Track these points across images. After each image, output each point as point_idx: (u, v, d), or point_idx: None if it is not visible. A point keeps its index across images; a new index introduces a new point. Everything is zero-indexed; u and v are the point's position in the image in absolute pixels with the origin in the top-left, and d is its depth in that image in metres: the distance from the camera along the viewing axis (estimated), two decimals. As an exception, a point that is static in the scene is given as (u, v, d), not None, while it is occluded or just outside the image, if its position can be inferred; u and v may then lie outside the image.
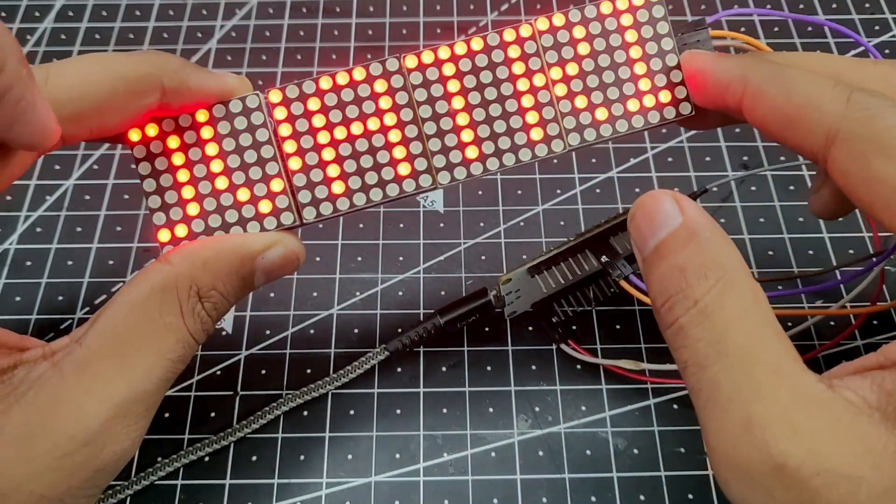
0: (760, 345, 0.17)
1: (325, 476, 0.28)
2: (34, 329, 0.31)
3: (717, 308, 0.18)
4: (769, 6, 0.42)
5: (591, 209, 0.35)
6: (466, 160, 0.24)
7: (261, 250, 0.22)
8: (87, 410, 0.19)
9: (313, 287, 0.32)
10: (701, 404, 0.18)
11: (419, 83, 0.23)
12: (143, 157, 0.23)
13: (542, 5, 0.42)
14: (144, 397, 0.20)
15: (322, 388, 0.29)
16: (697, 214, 0.19)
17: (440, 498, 0.28)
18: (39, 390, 0.19)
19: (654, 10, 0.24)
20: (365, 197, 0.23)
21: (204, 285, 0.21)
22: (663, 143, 0.37)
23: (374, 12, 0.42)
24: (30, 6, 0.42)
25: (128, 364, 0.20)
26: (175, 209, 0.23)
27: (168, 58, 0.22)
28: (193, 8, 0.42)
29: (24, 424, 0.19)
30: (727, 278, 0.18)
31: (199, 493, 0.28)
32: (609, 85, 0.24)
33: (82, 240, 0.34)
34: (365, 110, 0.23)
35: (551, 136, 0.24)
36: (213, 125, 0.23)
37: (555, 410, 0.29)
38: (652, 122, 0.24)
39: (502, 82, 0.24)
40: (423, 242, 0.34)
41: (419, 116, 0.24)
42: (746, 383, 0.17)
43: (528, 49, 0.24)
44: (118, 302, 0.21)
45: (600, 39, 0.24)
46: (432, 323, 0.30)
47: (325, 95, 0.23)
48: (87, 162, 0.36)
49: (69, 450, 0.19)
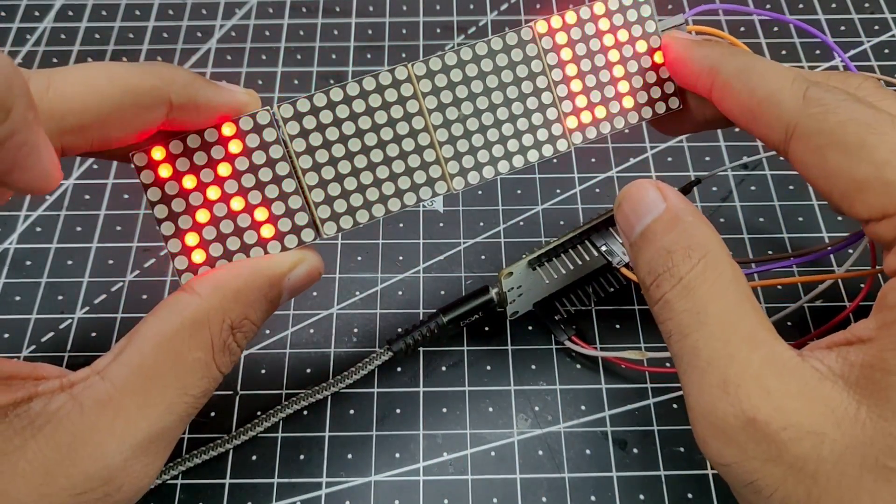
0: (737, 315, 0.19)
1: (324, 475, 0.28)
2: (34, 329, 0.31)
3: (699, 283, 0.19)
4: (750, 2, 0.42)
5: (590, 208, 0.35)
6: (479, 164, 0.24)
7: (288, 271, 0.22)
8: (108, 450, 0.19)
9: (313, 287, 0.32)
10: (683, 369, 0.19)
11: (429, 91, 0.23)
12: (152, 183, 0.22)
13: (541, 5, 0.42)
14: (164, 434, 0.20)
15: (326, 389, 0.29)
16: (679, 201, 0.21)
17: (440, 497, 0.28)
18: (58, 425, 0.18)
19: (642, 9, 0.25)
20: (384, 208, 0.23)
21: (237, 317, 0.21)
22: (663, 143, 0.37)
23: (373, 12, 0.42)
24: (29, 6, 0.42)
25: (151, 402, 0.19)
26: (191, 235, 0.22)
27: (177, 71, 0.21)
28: (193, 7, 0.42)
29: (41, 460, 0.18)
30: (709, 257, 0.20)
31: (199, 492, 0.28)
32: (605, 84, 0.25)
33: (82, 239, 0.34)
34: (377, 121, 0.23)
35: (556, 136, 0.25)
36: (223, 144, 0.22)
37: (554, 410, 0.29)
38: (645, 117, 0.26)
39: (508, 86, 0.24)
40: (422, 242, 0.34)
41: (430, 124, 0.24)
42: (723, 349, 0.18)
43: (529, 52, 0.24)
44: (144, 335, 0.20)
45: (595, 40, 0.25)
46: (435, 322, 0.30)
47: (337, 107, 0.23)
48: (86, 161, 0.36)
49: (86, 489, 0.18)
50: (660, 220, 0.21)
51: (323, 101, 0.23)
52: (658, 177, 0.36)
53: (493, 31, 0.41)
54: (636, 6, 0.25)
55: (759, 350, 0.18)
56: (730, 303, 0.19)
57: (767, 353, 0.18)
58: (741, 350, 0.18)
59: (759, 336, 0.19)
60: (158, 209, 0.22)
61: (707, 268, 0.19)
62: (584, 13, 0.25)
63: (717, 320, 0.19)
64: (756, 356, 0.18)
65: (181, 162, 0.22)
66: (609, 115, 0.25)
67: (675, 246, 0.20)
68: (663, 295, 0.20)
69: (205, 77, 0.22)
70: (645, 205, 0.21)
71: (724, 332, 0.19)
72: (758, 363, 0.18)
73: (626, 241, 0.22)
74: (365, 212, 0.23)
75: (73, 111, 0.19)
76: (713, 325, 0.19)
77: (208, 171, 0.22)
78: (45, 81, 0.19)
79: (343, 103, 0.23)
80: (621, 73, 0.25)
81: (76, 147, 0.20)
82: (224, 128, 0.22)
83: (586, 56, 0.25)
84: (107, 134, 0.20)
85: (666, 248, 0.20)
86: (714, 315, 0.19)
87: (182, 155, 0.22)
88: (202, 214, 0.22)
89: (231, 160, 0.22)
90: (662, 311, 0.20)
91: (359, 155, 0.23)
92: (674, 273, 0.20)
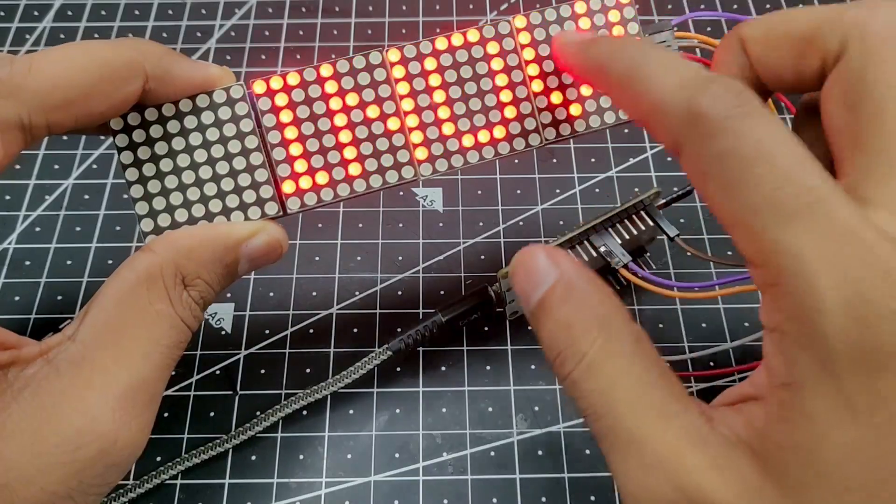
0: (645, 389, 0.18)
1: (324, 475, 0.28)
2: (33, 329, 0.31)
3: (603, 360, 0.18)
4: (736, 7, 0.42)
5: (590, 209, 0.35)
6: (448, 153, 0.24)
7: (244, 238, 0.23)
8: (92, 403, 0.19)
9: (312, 286, 0.32)
10: (605, 450, 0.18)
11: (402, 77, 0.24)
12: (126, 146, 0.23)
13: (540, 4, 0.42)
14: (146, 385, 0.20)
15: (325, 389, 0.29)
16: (571, 266, 0.20)
17: (439, 497, 0.28)
18: (37, 388, 0.19)
19: (626, 11, 0.25)
20: (349, 188, 0.24)
21: (188, 273, 0.22)
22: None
23: (373, 12, 0.42)
24: (28, 5, 0.42)
25: (124, 353, 0.20)
26: (158, 199, 0.23)
27: (151, 45, 0.22)
28: (192, 7, 0.42)
29: (27, 421, 0.18)
30: (610, 329, 0.18)
31: (198, 492, 0.28)
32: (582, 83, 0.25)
33: (81, 239, 0.34)
34: (349, 102, 0.24)
35: (528, 130, 0.25)
36: (196, 115, 0.23)
37: (554, 410, 0.29)
38: (622, 118, 0.25)
39: (482, 77, 0.24)
40: (422, 242, 0.34)
41: (401, 109, 0.24)
42: (637, 429, 0.18)
43: (506, 46, 0.25)
44: (105, 294, 0.21)
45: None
46: (433, 321, 0.30)
47: (310, 87, 0.24)
48: (85, 161, 0.36)
49: (79, 444, 0.19)
50: (554, 290, 0.19)
51: (296, 80, 0.24)
52: (657, 177, 0.36)
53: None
54: (619, 7, 0.25)
55: (672, 423, 0.17)
56: (636, 377, 0.18)
57: (680, 426, 0.17)
58: (655, 427, 0.17)
59: (669, 408, 0.18)
60: (129, 172, 0.23)
61: (609, 341, 0.18)
62: (563, 11, 0.25)
63: (626, 399, 0.18)
64: (670, 432, 0.17)
65: (154, 129, 0.23)
66: (584, 114, 0.25)
67: (573, 319, 0.19)
68: (569, 373, 0.19)
69: (179, 52, 0.23)
70: (537, 274, 0.20)
71: (635, 410, 0.18)
72: (672, 440, 0.17)
73: (526, 311, 0.21)
74: (330, 190, 0.24)
75: (57, 87, 0.20)
76: (623, 405, 0.18)
77: (180, 139, 0.23)
78: (26, 64, 0.20)
79: (316, 83, 0.24)
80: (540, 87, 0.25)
81: (62, 124, 0.21)
82: (198, 99, 0.23)
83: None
84: (89, 108, 0.21)
85: (564, 321, 0.19)
86: (623, 393, 0.18)
87: (157, 122, 0.23)
88: (171, 180, 0.23)
89: (202, 131, 0.23)
90: (572, 390, 0.19)
91: (327, 134, 0.24)
92: (575, 350, 0.19)
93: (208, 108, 0.23)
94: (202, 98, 0.23)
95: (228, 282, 0.23)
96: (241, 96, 0.23)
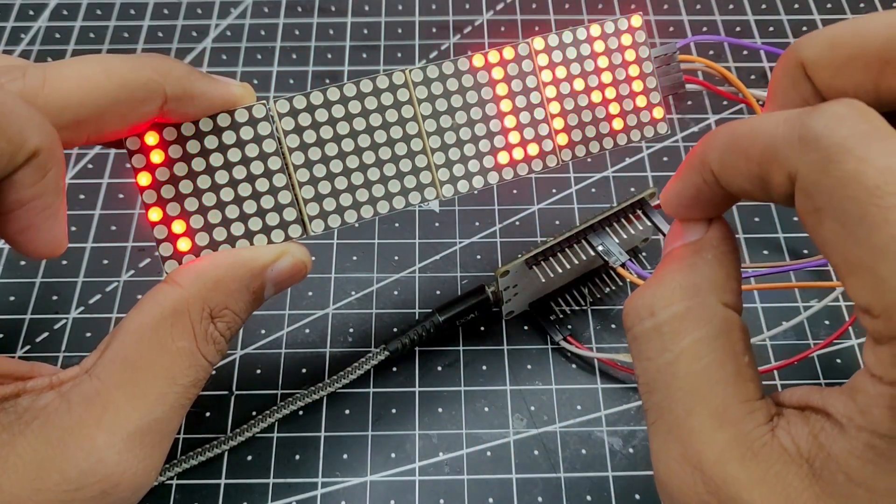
0: (709, 384, 0.17)
1: (320, 476, 0.28)
2: (28, 329, 0.31)
3: (670, 330, 0.17)
4: (738, 29, 0.42)
5: (586, 208, 0.35)
6: (469, 173, 0.24)
7: (270, 263, 0.22)
8: (99, 443, 0.18)
9: (308, 286, 0.32)
10: (649, 422, 0.18)
11: (424, 97, 0.24)
12: (143, 168, 0.22)
13: (536, 5, 0.42)
14: (158, 426, 0.20)
15: (321, 390, 0.29)
16: (716, 235, 0.19)
17: (436, 497, 0.28)
18: (46, 421, 0.18)
19: (637, 35, 0.25)
20: (372, 209, 0.23)
21: (216, 305, 0.21)
22: (659, 143, 0.37)
23: (369, 11, 0.42)
24: (24, 5, 0.42)
25: (139, 392, 0.19)
26: (178, 222, 0.22)
27: (173, 64, 0.21)
28: (188, 6, 0.42)
29: (32, 455, 0.18)
30: (693, 303, 0.17)
31: (194, 492, 0.28)
32: (597, 105, 0.25)
33: (77, 239, 0.34)
34: (372, 123, 0.23)
35: (546, 151, 0.25)
36: (217, 135, 0.22)
37: (550, 410, 0.29)
38: (634, 140, 0.25)
39: (502, 99, 0.24)
40: (418, 242, 0.34)
41: (424, 130, 0.24)
42: (686, 420, 0.17)
43: (525, 68, 0.24)
44: (127, 329, 0.20)
45: (589, 61, 0.25)
46: (431, 321, 0.30)
47: (333, 107, 0.23)
48: (81, 161, 0.36)
49: (81, 484, 0.18)
50: (684, 247, 0.18)
51: (319, 100, 0.23)
52: (653, 177, 0.36)
53: (489, 31, 0.41)
54: (631, 31, 0.25)
55: (726, 430, 0.16)
56: (703, 365, 0.17)
57: (734, 435, 0.16)
58: (705, 426, 0.16)
59: (729, 413, 0.16)
60: (147, 194, 0.22)
61: (686, 314, 0.17)
62: (580, 34, 0.25)
63: (684, 384, 0.17)
64: (721, 436, 0.16)
65: (174, 149, 0.22)
66: (598, 135, 0.25)
67: (666, 277, 0.18)
68: (630, 328, 0.17)
69: (200, 70, 0.22)
70: (690, 227, 0.19)
71: (690, 401, 0.17)
72: (721, 444, 0.16)
73: (664, 249, 0.20)
74: (353, 212, 0.23)
75: (69, 107, 0.19)
76: (680, 390, 0.17)
77: (200, 160, 0.22)
78: (40, 76, 0.19)
79: (339, 103, 0.23)
80: (613, 94, 0.25)
81: (72, 142, 0.20)
82: (219, 118, 0.22)
83: (580, 76, 0.25)
84: (102, 128, 0.20)
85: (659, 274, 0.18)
86: (682, 378, 0.17)
87: (175, 142, 0.22)
88: (191, 203, 0.22)
89: (224, 151, 0.22)
90: (631, 347, 0.18)
91: (351, 155, 0.23)
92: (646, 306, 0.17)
93: (230, 127, 0.22)
94: (223, 117, 0.22)
95: (255, 308, 0.22)
96: (264, 116, 0.23)
